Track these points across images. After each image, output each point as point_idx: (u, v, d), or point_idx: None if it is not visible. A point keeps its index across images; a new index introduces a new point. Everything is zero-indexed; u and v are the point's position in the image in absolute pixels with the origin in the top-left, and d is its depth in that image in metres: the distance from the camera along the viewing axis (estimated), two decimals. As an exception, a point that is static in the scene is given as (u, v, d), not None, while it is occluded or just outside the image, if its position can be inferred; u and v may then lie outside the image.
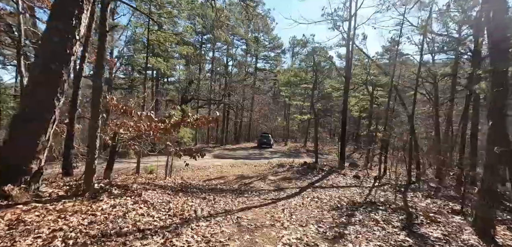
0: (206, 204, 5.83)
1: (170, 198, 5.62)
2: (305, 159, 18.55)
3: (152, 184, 7.20)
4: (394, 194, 7.62)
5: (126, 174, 9.96)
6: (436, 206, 6.92)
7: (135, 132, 5.71)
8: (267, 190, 8.65)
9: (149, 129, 5.40)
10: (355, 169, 13.70)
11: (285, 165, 13.91)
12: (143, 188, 5.80)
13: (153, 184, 7.44)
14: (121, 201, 4.46)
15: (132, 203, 4.50)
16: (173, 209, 4.79)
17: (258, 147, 26.60)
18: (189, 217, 4.51)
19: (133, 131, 5.62)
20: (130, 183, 6.28)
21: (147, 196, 5.12)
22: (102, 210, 3.93)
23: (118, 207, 4.20)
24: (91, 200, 4.24)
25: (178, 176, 11.22)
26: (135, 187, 5.76)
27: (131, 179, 8.38)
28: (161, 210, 4.57)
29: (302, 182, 9.93)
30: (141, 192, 5.28)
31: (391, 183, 10.67)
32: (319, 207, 6.15)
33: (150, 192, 5.51)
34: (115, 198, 4.59)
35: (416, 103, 17.11)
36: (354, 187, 9.54)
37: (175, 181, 9.05)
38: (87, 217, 3.63)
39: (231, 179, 10.83)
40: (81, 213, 3.72)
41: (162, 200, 5.18)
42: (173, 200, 5.50)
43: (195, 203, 5.81)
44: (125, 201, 4.54)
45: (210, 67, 34.23)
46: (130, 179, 8.17)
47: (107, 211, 3.95)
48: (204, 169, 13.79)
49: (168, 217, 4.29)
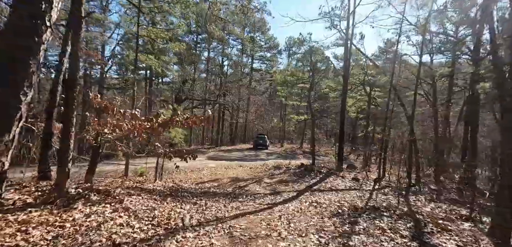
0: (196, 211, 5.35)
1: (156, 204, 5.12)
2: (302, 160, 18.13)
3: (139, 188, 6.69)
4: (397, 198, 7.22)
5: (113, 177, 9.41)
6: (442, 211, 6.53)
7: (119, 132, 5.19)
8: (263, 194, 8.18)
9: (133, 129, 4.90)
10: (354, 171, 13.31)
11: (282, 167, 13.47)
12: (127, 193, 5.30)
13: (140, 188, 6.93)
14: (98, 209, 3.96)
15: (110, 211, 4.00)
16: (158, 217, 4.29)
17: (254, 149, 26.11)
18: (176, 226, 4.02)
19: (117, 131, 5.11)
20: (114, 188, 5.77)
21: (129, 203, 4.61)
22: (73, 221, 3.42)
23: (93, 216, 3.69)
24: (63, 208, 3.73)
25: (170, 179, 10.69)
26: (118, 192, 5.25)
27: (117, 183, 7.85)
28: (144, 219, 4.07)
29: (299, 185, 9.49)
30: (123, 198, 4.78)
31: (392, 185, 10.29)
32: (319, 213, 5.71)
33: (134, 198, 5.01)
34: (92, 205, 4.08)
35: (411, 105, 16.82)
36: (354, 190, 9.13)
37: (165, 185, 8.54)
38: (53, 229, 3.13)
39: (225, 182, 10.34)
40: (47, 224, 3.21)
41: (146, 207, 4.68)
42: (159, 206, 5.01)
43: (184, 209, 5.32)
44: (103, 209, 4.03)
45: (205, 67, 33.69)
46: (115, 183, 7.64)
47: (79, 221, 3.45)
48: (198, 171, 13.27)
49: (151, 227, 3.80)
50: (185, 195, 7.21)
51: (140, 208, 4.53)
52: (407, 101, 19.22)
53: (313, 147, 13.79)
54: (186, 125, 5.87)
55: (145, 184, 8.22)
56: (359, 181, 10.50)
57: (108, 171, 11.08)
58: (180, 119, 5.49)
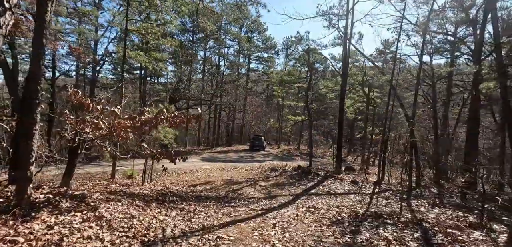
0: (182, 218, 4.85)
1: (137, 211, 4.62)
2: (299, 162, 17.68)
3: (123, 193, 6.18)
4: (399, 203, 6.78)
5: (99, 180, 8.88)
6: (448, 217, 6.10)
7: (98, 131, 4.70)
8: (257, 198, 7.70)
9: (111, 127, 4.40)
10: (352, 174, 12.88)
11: (278, 169, 13.00)
12: (105, 199, 4.79)
13: (125, 192, 6.42)
14: (65, 219, 3.46)
15: (80, 221, 3.50)
16: (136, 227, 3.80)
17: (250, 150, 25.64)
18: (154, 238, 3.53)
19: (96, 130, 4.61)
20: (93, 192, 5.26)
21: (105, 210, 4.11)
22: (30, 234, 2.92)
23: (57, 228, 3.19)
24: (22, 218, 3.23)
25: (161, 181, 10.18)
26: (96, 197, 4.74)
27: (101, 186, 7.34)
28: (118, 229, 3.57)
29: (296, 189, 9.02)
30: (99, 204, 4.27)
31: (392, 189, 9.87)
32: (317, 221, 5.24)
33: (111, 204, 4.50)
34: (59, 214, 3.58)
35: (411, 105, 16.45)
36: (353, 194, 8.68)
37: (153, 188, 8.03)
38: (3, 246, 2.63)
39: (218, 185, 9.85)
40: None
41: (124, 215, 4.18)
42: (140, 213, 4.51)
43: (169, 216, 4.83)
44: (71, 218, 3.53)
45: (202, 67, 33.20)
46: (99, 186, 7.13)
47: (38, 234, 2.95)
48: (191, 173, 12.76)
49: (125, 240, 3.31)
50: (174, 200, 6.71)
51: (116, 216, 4.03)
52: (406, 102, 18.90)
53: (310, 149, 13.34)
54: (173, 124, 5.37)
55: (132, 187, 7.71)
56: (358, 184, 10.06)
57: (95, 173, 10.54)
58: (165, 117, 5.00)
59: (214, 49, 33.04)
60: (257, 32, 35.54)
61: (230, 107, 31.07)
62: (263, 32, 35.60)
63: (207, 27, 9.09)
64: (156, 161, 7.26)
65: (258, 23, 34.56)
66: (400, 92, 16.40)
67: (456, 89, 19.14)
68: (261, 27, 35.07)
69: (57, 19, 9.84)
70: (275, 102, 37.83)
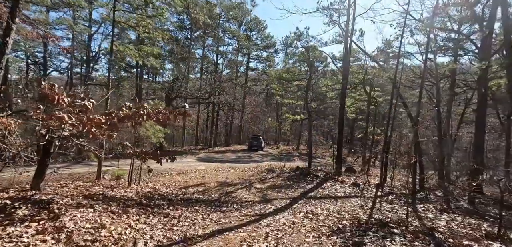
0: (163, 227, 4.30)
1: (111, 219, 4.06)
2: (298, 163, 17.12)
3: (102, 196, 5.62)
4: (406, 209, 6.22)
5: (84, 181, 8.32)
6: (459, 225, 5.55)
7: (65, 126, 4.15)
8: (251, 202, 7.14)
9: (80, 122, 3.84)
10: (353, 175, 12.32)
11: (275, 170, 12.44)
12: (76, 205, 4.23)
13: (105, 195, 5.86)
14: (14, 231, 2.90)
15: (33, 234, 2.94)
16: (103, 240, 3.25)
17: (249, 150, 25.07)
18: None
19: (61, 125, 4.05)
20: (64, 196, 4.70)
21: (70, 219, 3.56)
22: (-41, 252, 2.36)
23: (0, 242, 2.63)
24: (-43, 231, 2.67)
25: (152, 182, 9.64)
26: (65, 202, 4.19)
27: (82, 188, 6.78)
28: (79, 243, 3.02)
29: (293, 192, 8.45)
30: (65, 212, 3.71)
31: (396, 192, 9.32)
32: (315, 229, 4.69)
33: (81, 211, 3.95)
34: (10, 224, 3.02)
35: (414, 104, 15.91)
36: (354, 197, 8.12)
37: (140, 190, 7.47)
38: None
39: (212, 186, 9.29)
40: None
41: (93, 225, 3.63)
42: (114, 222, 3.95)
43: (148, 224, 4.28)
44: (23, 229, 2.98)
45: (200, 65, 32.64)
46: (78, 189, 6.57)
47: (-31, 253, 2.39)
48: (185, 174, 12.20)
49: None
50: (160, 204, 6.16)
51: (82, 226, 3.47)
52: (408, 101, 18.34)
53: (309, 149, 12.79)
54: (156, 120, 4.82)
55: (117, 189, 7.15)
56: (360, 187, 9.50)
57: (83, 174, 9.97)
58: (147, 113, 4.44)
59: (212, 47, 32.47)
60: (256, 30, 34.97)
61: (229, 106, 30.52)
62: (262, 30, 35.03)
63: (199, 18, 8.55)
64: (142, 161, 6.73)
65: (257, 21, 34.02)
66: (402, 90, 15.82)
67: (459, 89, 18.60)
68: (260, 25, 34.50)
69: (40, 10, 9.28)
70: (274, 101, 37.27)
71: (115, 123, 4.40)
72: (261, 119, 36.92)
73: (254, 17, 34.12)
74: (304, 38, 13.87)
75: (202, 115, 34.90)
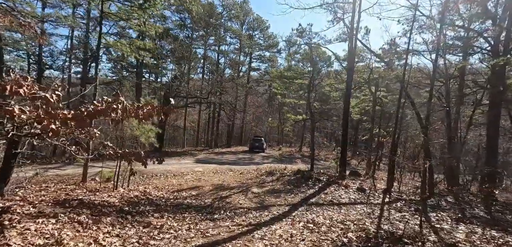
0: (138, 240, 3.69)
1: (74, 232, 3.46)
2: (300, 165, 16.46)
3: (77, 202, 5.04)
4: (418, 219, 5.56)
5: (68, 184, 7.76)
6: (482, 238, 4.87)
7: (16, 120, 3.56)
8: (246, 209, 6.51)
9: (36, 117, 3.26)
10: (358, 179, 11.63)
11: (275, 173, 11.80)
12: (35, 215, 3.65)
13: (81, 200, 5.28)
14: None
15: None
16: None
17: (250, 151, 24.44)
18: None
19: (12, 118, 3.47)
20: (25, 204, 4.12)
21: (19, 233, 2.96)
22: None
23: None
24: None
25: (145, 185, 9.07)
26: (23, 211, 3.60)
27: (62, 192, 6.21)
28: (18, 267, 2.42)
29: (293, 197, 7.80)
30: (16, 224, 3.12)
31: (404, 198, 8.63)
32: (316, 244, 4.05)
33: (37, 223, 3.36)
34: None
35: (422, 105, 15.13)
36: (360, 204, 7.45)
37: (126, 195, 6.88)
38: None
39: (206, 190, 8.68)
40: None
41: (47, 240, 3.03)
42: (77, 236, 3.36)
43: (121, 237, 3.67)
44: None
45: (201, 65, 32.18)
46: (56, 192, 6.00)
47: None
48: (181, 176, 11.62)
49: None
50: (144, 211, 5.55)
51: (32, 243, 2.87)
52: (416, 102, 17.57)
53: (312, 151, 12.12)
54: (135, 116, 4.23)
55: (100, 193, 6.57)
56: (366, 192, 8.81)
57: (68, 176, 9.43)
58: (121, 108, 3.84)
59: (214, 47, 31.95)
60: (258, 30, 34.44)
61: (230, 107, 29.95)
62: (265, 30, 34.49)
63: (192, 7, 7.99)
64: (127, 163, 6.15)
65: (259, 20, 33.50)
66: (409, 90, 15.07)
67: (468, 89, 17.83)
68: (263, 25, 33.97)
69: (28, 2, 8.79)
70: (276, 102, 36.66)
71: (83, 118, 3.79)
72: (263, 120, 36.28)
73: (256, 17, 33.63)
74: (307, 35, 13.26)
75: (204, 115, 34.42)
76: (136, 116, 4.32)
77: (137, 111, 4.31)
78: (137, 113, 4.30)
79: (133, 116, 4.30)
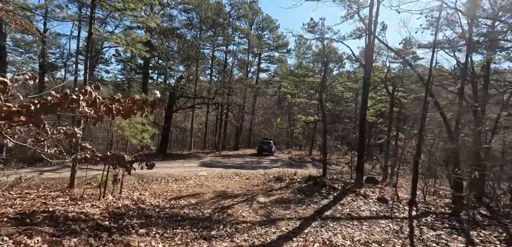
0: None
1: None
2: (310, 170, 15.38)
3: (43, 214, 4.21)
4: (462, 241, 4.49)
5: (52, 190, 7.02)
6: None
7: None
8: (250, 223, 5.56)
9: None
10: (375, 187, 10.50)
11: (284, 179, 10.80)
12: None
13: (50, 212, 4.46)
14: None
15: None
16: None
17: (258, 154, 23.48)
18: None
19: None
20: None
21: None
22: None
23: None
24: None
25: (141, 191, 8.26)
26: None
27: (39, 200, 5.43)
28: None
29: (305, 209, 6.80)
30: None
31: (433, 211, 7.49)
32: (338, 281, 3.06)
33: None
34: None
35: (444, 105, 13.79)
36: (384, 218, 6.38)
37: (113, 204, 6.05)
38: None
39: (207, 198, 7.78)
40: None
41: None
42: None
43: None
44: None
45: (209, 65, 31.51)
46: (32, 201, 5.22)
47: None
48: (183, 181, 10.79)
49: None
50: (127, 226, 4.69)
51: None
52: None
53: (324, 155, 11.06)
54: (107, 111, 3.35)
55: (83, 202, 5.76)
56: (388, 203, 7.71)
57: (60, 179, 8.73)
58: (84, 99, 2.97)
59: (222, 47, 31.24)
60: (268, 30, 33.55)
61: (239, 108, 29.09)
62: (274, 30, 33.56)
63: None
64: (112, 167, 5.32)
65: (269, 20, 32.62)
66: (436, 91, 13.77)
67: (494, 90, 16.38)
68: (272, 25, 33.06)
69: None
70: (286, 104, 35.60)
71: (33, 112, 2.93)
72: (272, 122, 35.26)
73: (265, 16, 32.75)
74: (319, 30, 12.25)
75: (211, 117, 33.70)
76: (108, 112, 3.43)
77: (110, 105, 3.42)
78: (109, 108, 3.42)
79: (103, 111, 3.43)
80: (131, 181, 9.72)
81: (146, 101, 3.84)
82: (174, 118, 26.60)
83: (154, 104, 3.89)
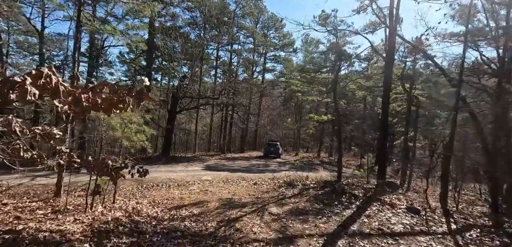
0: None
1: None
2: (321, 173, 14.37)
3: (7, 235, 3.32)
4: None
5: (38, 198, 6.16)
6: None
7: None
8: (262, 244, 4.60)
9: None
10: (397, 193, 9.42)
11: (297, 184, 9.81)
12: None
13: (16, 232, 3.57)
14: None
15: None
16: None
17: (264, 157, 22.51)
18: None
19: None
20: None
21: None
22: None
23: None
24: None
25: (139, 199, 7.37)
26: None
27: (14, 212, 4.56)
28: None
29: (326, 222, 5.81)
30: None
31: (474, 223, 6.44)
32: None
33: None
34: None
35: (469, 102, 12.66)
36: (421, 234, 5.36)
37: (101, 217, 5.14)
38: None
39: (212, 208, 6.84)
40: None
41: None
42: None
43: None
44: None
45: (214, 65, 30.73)
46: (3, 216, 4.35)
47: None
48: (185, 186, 9.87)
49: None
50: None
51: None
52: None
53: (339, 158, 10.04)
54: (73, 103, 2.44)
55: (64, 216, 4.86)
56: (420, 214, 6.67)
57: (50, 186, 7.89)
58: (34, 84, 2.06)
59: (227, 46, 30.42)
60: (273, 28, 32.66)
61: (244, 109, 28.19)
62: (280, 28, 32.64)
63: None
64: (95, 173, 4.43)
65: (274, 18, 31.71)
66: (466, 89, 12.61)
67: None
68: (278, 23, 32.13)
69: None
70: (293, 105, 34.56)
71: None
72: (278, 124, 34.25)
73: (271, 15, 31.85)
74: (332, 23, 11.28)
75: (216, 119, 32.87)
76: (73, 103, 2.51)
77: (78, 95, 2.51)
78: (77, 97, 2.50)
79: (69, 103, 2.50)
80: (130, 187, 8.87)
81: (130, 91, 2.92)
82: (178, 120, 25.82)
83: (141, 94, 2.95)
